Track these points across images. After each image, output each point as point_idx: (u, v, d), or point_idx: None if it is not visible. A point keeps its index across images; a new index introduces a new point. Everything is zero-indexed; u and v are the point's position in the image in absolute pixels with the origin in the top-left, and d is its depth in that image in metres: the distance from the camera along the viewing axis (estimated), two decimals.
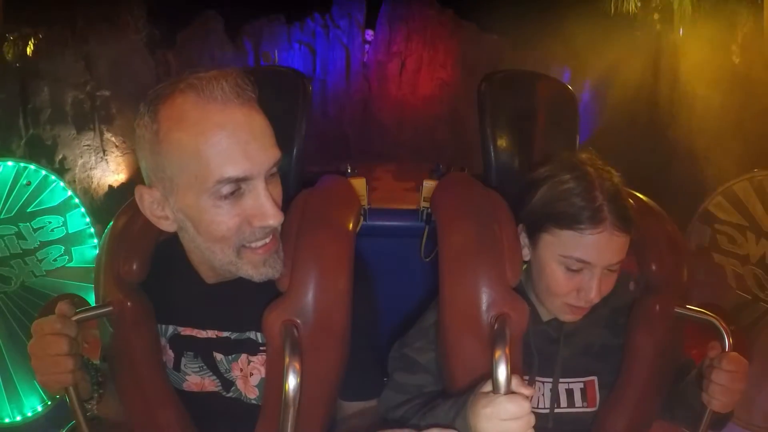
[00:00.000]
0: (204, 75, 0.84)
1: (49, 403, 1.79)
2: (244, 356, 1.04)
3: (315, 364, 0.95)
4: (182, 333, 1.06)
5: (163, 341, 1.07)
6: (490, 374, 0.81)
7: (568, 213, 0.98)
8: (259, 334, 1.02)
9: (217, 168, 0.82)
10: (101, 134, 4.28)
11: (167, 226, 0.92)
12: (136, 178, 2.22)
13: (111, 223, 1.14)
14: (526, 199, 1.07)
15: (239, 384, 1.05)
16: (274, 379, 0.98)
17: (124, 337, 1.05)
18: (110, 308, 1.04)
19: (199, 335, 1.05)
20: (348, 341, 1.01)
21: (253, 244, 0.89)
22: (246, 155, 0.83)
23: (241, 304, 1.02)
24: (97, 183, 4.17)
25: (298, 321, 0.95)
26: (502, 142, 1.34)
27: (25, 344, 0.95)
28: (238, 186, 0.84)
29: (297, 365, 0.87)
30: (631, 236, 1.00)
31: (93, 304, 1.09)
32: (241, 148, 0.83)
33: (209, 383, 1.06)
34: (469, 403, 0.84)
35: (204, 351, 1.05)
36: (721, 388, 0.99)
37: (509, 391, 0.78)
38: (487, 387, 0.81)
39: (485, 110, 1.35)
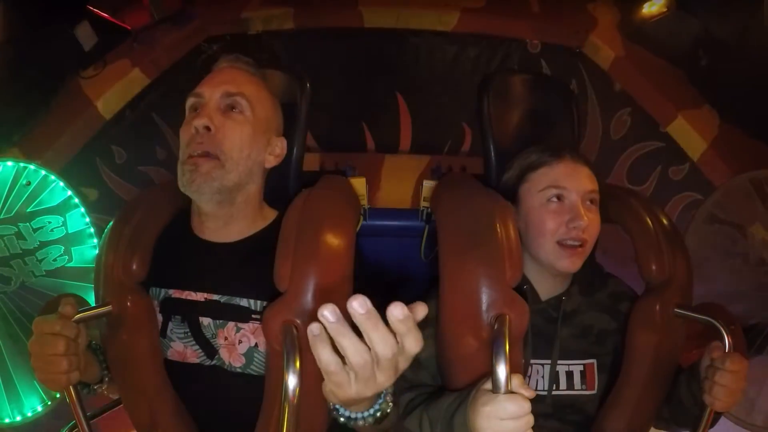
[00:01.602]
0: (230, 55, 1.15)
1: (49, 403, 1.79)
2: (231, 324, 1.05)
3: (315, 364, 0.95)
4: (173, 296, 1.08)
5: (155, 305, 1.09)
6: (489, 374, 0.81)
7: (534, 158, 1.18)
8: (251, 301, 1.04)
9: (196, 88, 1.08)
10: None
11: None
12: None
13: (111, 224, 1.14)
14: (505, 178, 1.23)
15: (223, 352, 1.05)
16: (274, 379, 0.98)
17: (124, 336, 1.05)
18: (110, 308, 1.04)
19: (189, 297, 1.07)
20: None
21: (190, 151, 1.03)
22: (208, 83, 1.08)
23: (234, 268, 1.06)
24: None
25: (298, 321, 0.95)
26: (502, 142, 1.34)
27: (25, 344, 0.95)
28: (196, 103, 1.07)
29: (297, 365, 0.87)
30: (593, 171, 1.16)
31: (93, 304, 1.09)
32: (209, 79, 1.09)
33: (191, 354, 1.07)
34: (470, 399, 0.84)
35: (191, 315, 1.07)
36: (725, 389, 0.99)
37: (509, 391, 0.78)
38: (489, 384, 0.81)
39: (485, 111, 1.35)
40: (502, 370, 0.79)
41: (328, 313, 0.60)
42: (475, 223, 1.06)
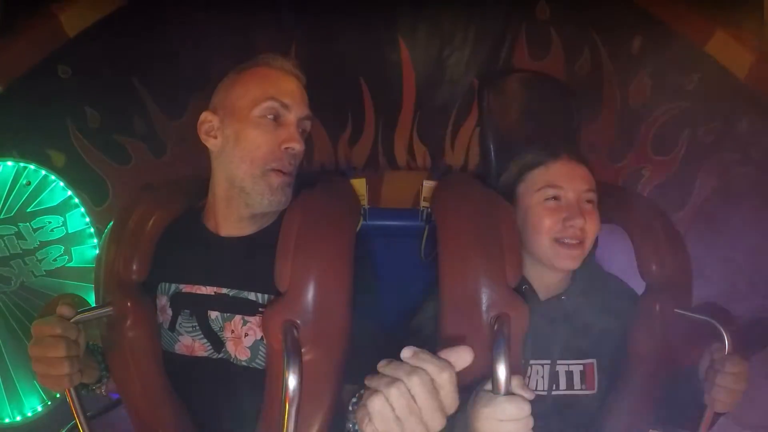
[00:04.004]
0: (273, 55, 1.13)
1: (49, 403, 1.79)
2: (237, 318, 1.06)
3: (315, 364, 0.95)
4: (183, 290, 1.09)
5: (165, 300, 1.10)
6: (489, 375, 0.81)
7: (532, 157, 1.18)
8: (258, 295, 1.05)
9: (271, 88, 1.06)
10: None
11: (212, 145, 1.10)
12: None
13: (111, 223, 1.14)
14: (503, 178, 1.24)
15: (229, 346, 1.06)
16: (274, 379, 0.98)
17: (124, 337, 1.05)
18: (110, 308, 1.04)
19: (198, 291, 1.08)
20: (348, 340, 1.01)
21: (278, 166, 1.04)
22: (291, 93, 1.08)
23: (245, 263, 1.07)
24: None
25: (298, 321, 0.95)
26: (502, 143, 1.34)
27: (25, 344, 0.96)
28: (278, 112, 1.05)
29: (297, 365, 0.87)
30: (590, 169, 1.16)
31: (93, 304, 1.09)
32: (290, 88, 1.08)
33: (199, 347, 1.08)
34: (470, 399, 0.84)
35: (200, 309, 1.07)
36: (726, 390, 1.00)
37: (509, 392, 0.78)
38: (490, 385, 0.81)
39: (485, 111, 1.36)
40: (502, 371, 0.79)
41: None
42: (475, 223, 1.06)
